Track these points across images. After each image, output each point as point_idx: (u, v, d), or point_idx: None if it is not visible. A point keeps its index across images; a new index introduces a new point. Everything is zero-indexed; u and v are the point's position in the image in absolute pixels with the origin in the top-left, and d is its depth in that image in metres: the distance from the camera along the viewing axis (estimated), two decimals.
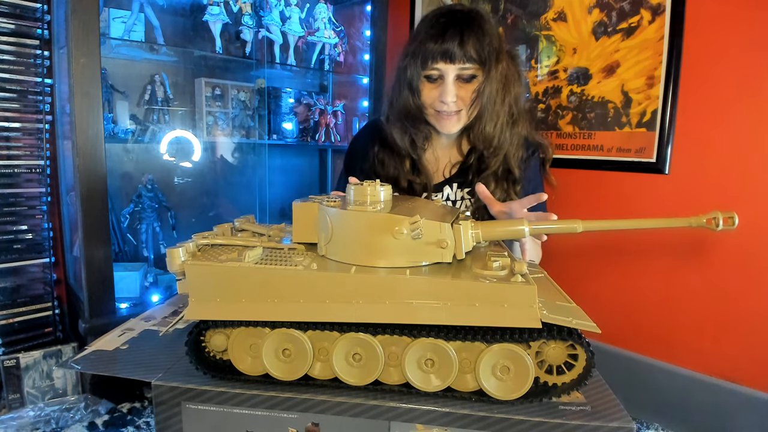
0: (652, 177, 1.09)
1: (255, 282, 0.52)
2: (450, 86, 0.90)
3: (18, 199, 1.13)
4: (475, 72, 0.90)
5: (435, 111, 0.95)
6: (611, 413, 0.52)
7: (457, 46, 0.87)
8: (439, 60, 0.89)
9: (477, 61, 0.89)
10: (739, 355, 0.98)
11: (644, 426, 0.98)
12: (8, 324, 1.12)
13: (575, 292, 0.60)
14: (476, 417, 0.52)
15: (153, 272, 1.33)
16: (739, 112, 0.97)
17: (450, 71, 0.90)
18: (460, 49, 0.88)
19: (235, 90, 1.47)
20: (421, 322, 0.52)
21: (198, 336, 0.57)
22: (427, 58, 0.90)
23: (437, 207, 0.66)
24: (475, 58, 0.89)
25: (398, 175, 1.01)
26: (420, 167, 1.02)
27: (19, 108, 1.12)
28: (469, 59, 0.89)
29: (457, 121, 0.95)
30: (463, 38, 0.88)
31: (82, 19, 0.97)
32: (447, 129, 0.96)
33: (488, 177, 0.97)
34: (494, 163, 0.97)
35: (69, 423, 0.93)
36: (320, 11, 1.56)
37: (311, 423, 0.54)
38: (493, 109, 0.93)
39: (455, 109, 0.92)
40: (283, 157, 1.73)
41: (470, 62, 0.89)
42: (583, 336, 0.51)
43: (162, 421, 0.56)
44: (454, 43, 0.88)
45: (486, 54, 0.89)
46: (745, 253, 0.97)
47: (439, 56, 0.89)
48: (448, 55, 0.88)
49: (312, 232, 0.61)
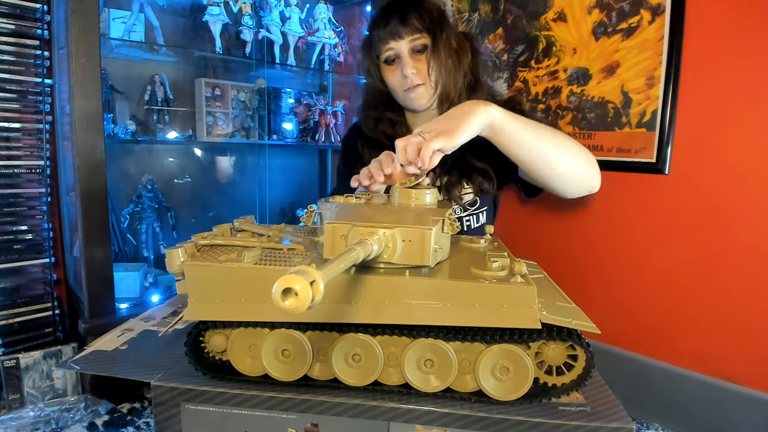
0: (652, 177, 1.08)
1: (254, 282, 0.52)
2: (406, 59, 0.96)
3: (18, 200, 1.13)
4: (425, 41, 0.96)
5: (402, 92, 1.00)
6: (611, 414, 0.52)
7: (399, 23, 0.94)
8: (389, 40, 0.96)
9: (423, 30, 0.95)
10: (739, 355, 0.98)
11: (644, 426, 0.98)
12: (8, 324, 1.12)
13: (575, 293, 0.60)
14: (476, 417, 0.52)
15: (153, 272, 1.33)
16: (740, 112, 0.97)
17: (402, 46, 0.96)
18: (403, 24, 0.94)
19: (235, 90, 1.47)
20: (421, 323, 0.52)
21: (197, 336, 0.57)
22: (378, 42, 0.97)
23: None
24: (420, 28, 0.95)
25: None
26: None
27: (19, 108, 1.12)
28: (415, 30, 0.95)
29: (425, 93, 0.99)
30: (404, 14, 0.95)
31: (82, 20, 0.97)
32: (416, 103, 1.00)
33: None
34: None
35: (69, 423, 0.93)
36: (320, 11, 1.56)
37: (310, 423, 0.54)
38: (450, 73, 0.97)
39: (417, 81, 0.97)
40: (283, 158, 1.73)
41: (417, 32, 0.95)
42: (582, 336, 0.51)
43: (161, 421, 0.56)
44: (395, 20, 0.95)
45: (430, 22, 0.95)
46: (745, 252, 0.97)
47: (388, 36, 0.96)
48: (395, 33, 0.95)
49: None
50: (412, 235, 0.52)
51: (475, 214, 1.03)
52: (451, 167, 1.01)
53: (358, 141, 1.10)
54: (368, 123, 1.08)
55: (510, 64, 1.30)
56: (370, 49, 1.00)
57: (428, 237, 0.51)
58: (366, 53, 1.02)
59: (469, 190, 1.04)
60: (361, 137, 1.10)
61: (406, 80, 0.97)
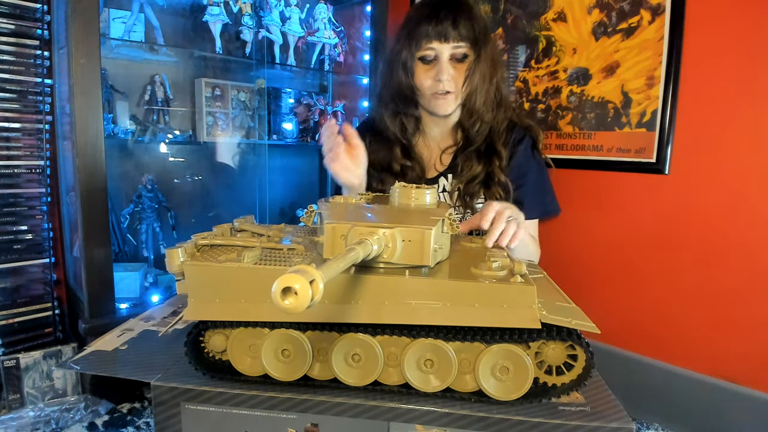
0: (652, 177, 1.09)
1: (254, 282, 0.52)
2: (445, 64, 0.95)
3: (18, 200, 1.13)
4: (467, 51, 0.95)
5: (430, 93, 0.98)
6: (611, 413, 0.52)
7: (451, 25, 0.92)
8: (433, 39, 0.93)
9: (469, 40, 0.94)
10: (739, 355, 0.98)
11: (644, 426, 0.98)
12: (8, 324, 1.12)
13: (575, 293, 0.60)
14: (475, 417, 0.51)
15: (153, 272, 1.33)
16: (740, 111, 0.97)
17: (444, 50, 0.94)
18: (454, 28, 0.92)
19: (235, 90, 1.47)
20: (421, 323, 0.52)
21: (197, 336, 0.57)
22: (421, 38, 0.94)
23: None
24: (467, 38, 0.93)
25: (390, 159, 1.04)
26: (412, 153, 1.05)
27: (19, 108, 1.12)
28: (462, 38, 0.93)
29: (452, 101, 0.98)
30: (455, 18, 0.92)
31: (82, 20, 0.97)
32: (442, 110, 0.99)
33: (472, 153, 1.00)
34: (479, 139, 1.00)
35: (69, 423, 0.93)
36: (320, 12, 1.56)
37: (310, 423, 0.54)
38: (483, 87, 0.96)
39: (450, 88, 0.96)
40: (283, 158, 1.73)
41: (463, 41, 0.93)
42: (582, 336, 0.51)
43: (161, 421, 0.56)
44: (447, 22, 0.92)
45: (476, 34, 0.94)
46: (746, 252, 0.97)
47: (434, 36, 0.93)
48: (442, 35, 0.93)
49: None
50: (411, 235, 0.52)
51: None
52: (473, 178, 1.00)
53: (364, 133, 1.05)
54: (386, 114, 1.04)
55: (510, 64, 1.31)
56: (410, 41, 0.95)
57: (428, 237, 0.51)
58: (405, 44, 0.96)
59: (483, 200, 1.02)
60: (372, 129, 1.07)
61: (438, 84, 0.95)
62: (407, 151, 1.04)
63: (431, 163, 1.07)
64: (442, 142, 1.07)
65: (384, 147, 1.04)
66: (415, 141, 1.06)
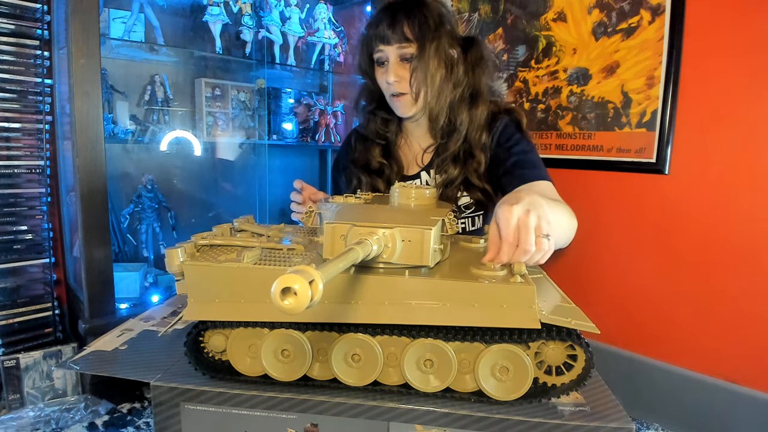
0: (652, 177, 1.08)
1: (254, 282, 0.52)
2: (391, 66, 0.96)
3: (18, 200, 1.13)
4: (413, 51, 0.94)
5: (388, 95, 1.00)
6: (610, 414, 0.52)
7: (388, 28, 0.93)
8: (378, 43, 0.96)
9: (411, 39, 0.93)
10: (738, 355, 0.98)
11: (644, 426, 0.98)
12: (8, 324, 1.12)
13: (574, 293, 0.60)
14: (475, 417, 0.51)
15: (153, 272, 1.33)
16: (740, 111, 0.97)
17: (390, 52, 0.95)
18: (394, 31, 0.93)
19: (235, 90, 1.47)
20: (420, 323, 0.52)
21: (197, 336, 0.57)
22: (371, 41, 0.97)
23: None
24: (409, 38, 0.93)
25: (369, 158, 1.07)
26: (392, 152, 1.08)
27: (19, 108, 1.12)
28: (404, 38, 0.93)
29: (409, 104, 0.98)
30: (395, 20, 0.93)
31: (82, 20, 0.97)
32: (401, 112, 1.00)
33: (447, 158, 1.00)
34: (453, 145, 0.99)
35: (69, 423, 0.93)
36: (320, 12, 1.56)
37: (310, 423, 0.54)
38: (434, 85, 0.95)
39: (401, 89, 0.96)
40: (283, 158, 1.73)
41: (405, 41, 0.94)
42: (582, 336, 0.51)
43: (161, 421, 0.56)
44: (386, 25, 0.94)
45: (419, 31, 0.93)
46: (746, 252, 0.97)
47: (378, 39, 0.95)
48: (383, 37, 0.94)
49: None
50: (411, 235, 0.52)
51: (471, 217, 1.03)
52: (450, 182, 0.99)
53: (352, 135, 1.13)
54: (364, 116, 1.09)
55: (510, 64, 1.31)
56: (363, 45, 1.01)
57: (428, 237, 0.51)
58: (360, 50, 1.02)
59: (467, 196, 1.03)
60: (356, 131, 1.13)
61: (389, 87, 0.97)
62: (387, 150, 1.08)
63: (413, 160, 1.09)
64: (422, 141, 1.08)
65: (364, 146, 1.08)
66: (398, 140, 1.10)
